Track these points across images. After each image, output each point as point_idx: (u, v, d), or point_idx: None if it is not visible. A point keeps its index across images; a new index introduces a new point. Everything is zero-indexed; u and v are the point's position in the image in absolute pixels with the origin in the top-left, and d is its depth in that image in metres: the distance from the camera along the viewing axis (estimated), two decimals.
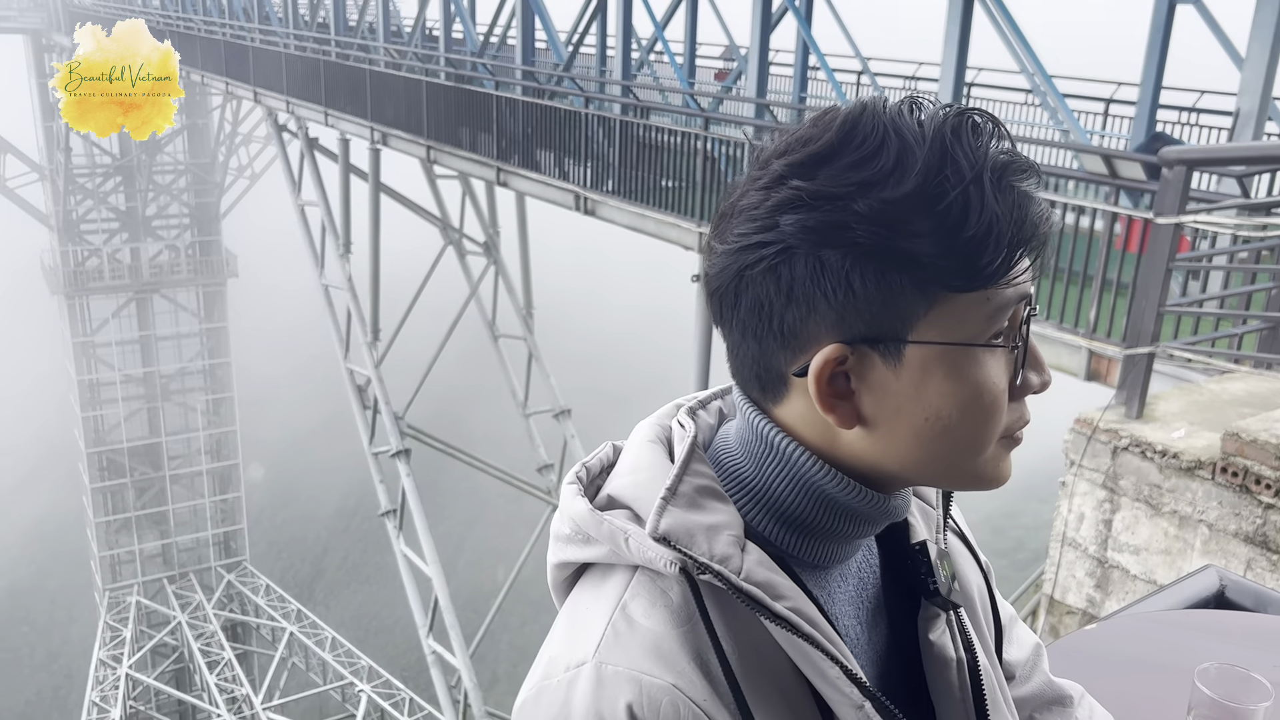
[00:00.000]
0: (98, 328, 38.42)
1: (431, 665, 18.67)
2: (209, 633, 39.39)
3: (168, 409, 40.76)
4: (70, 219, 36.70)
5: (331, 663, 37.93)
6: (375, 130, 16.98)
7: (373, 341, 20.09)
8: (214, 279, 39.14)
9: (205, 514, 41.98)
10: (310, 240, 21.46)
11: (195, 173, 38.00)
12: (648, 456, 0.99)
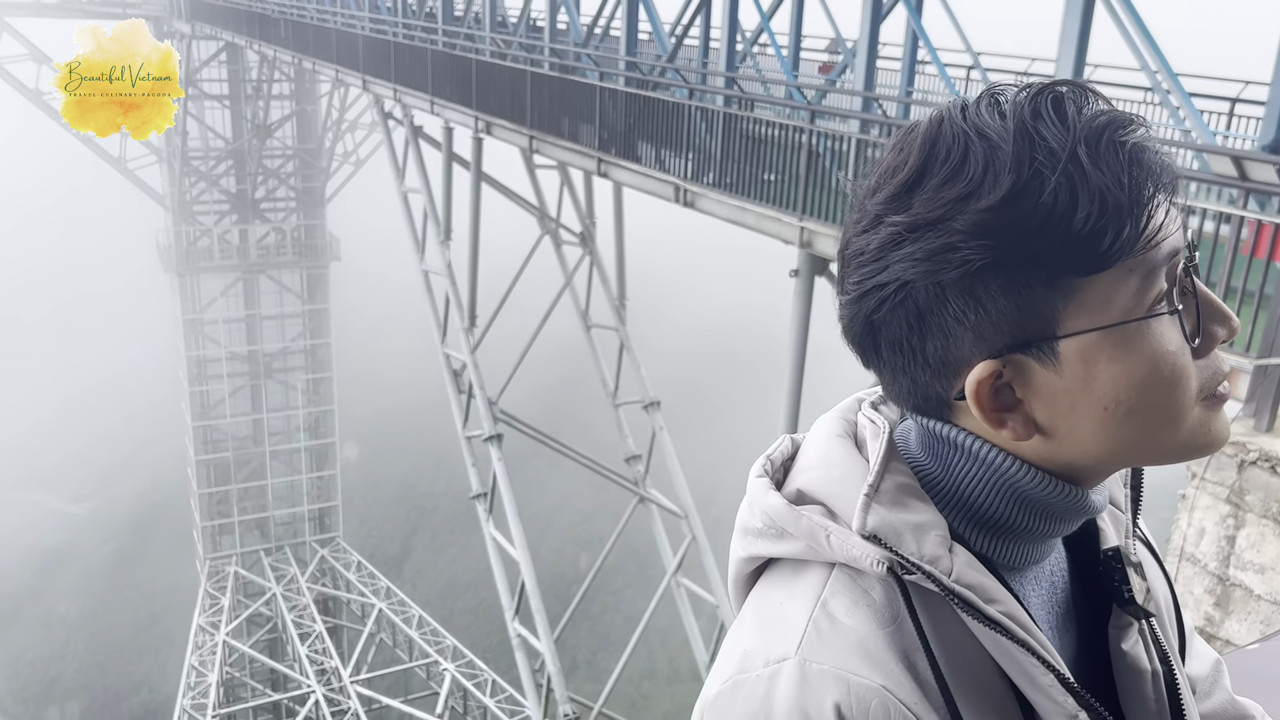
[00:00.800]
0: (206, 305, 39.92)
1: (516, 648, 18.92)
2: (302, 605, 40.65)
3: (269, 386, 42.17)
4: (184, 200, 38.18)
5: (418, 640, 38.79)
6: (479, 119, 17.22)
7: (469, 327, 20.41)
8: (317, 262, 40.28)
9: (302, 490, 43.33)
10: (412, 226, 21.88)
11: (303, 158, 39.13)
12: (839, 451, 0.97)
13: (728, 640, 0.97)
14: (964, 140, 0.85)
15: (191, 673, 38.03)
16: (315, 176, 39.49)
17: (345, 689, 36.43)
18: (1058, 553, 1.05)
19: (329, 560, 43.09)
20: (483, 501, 20.62)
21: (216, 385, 40.98)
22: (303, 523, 43.90)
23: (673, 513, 19.79)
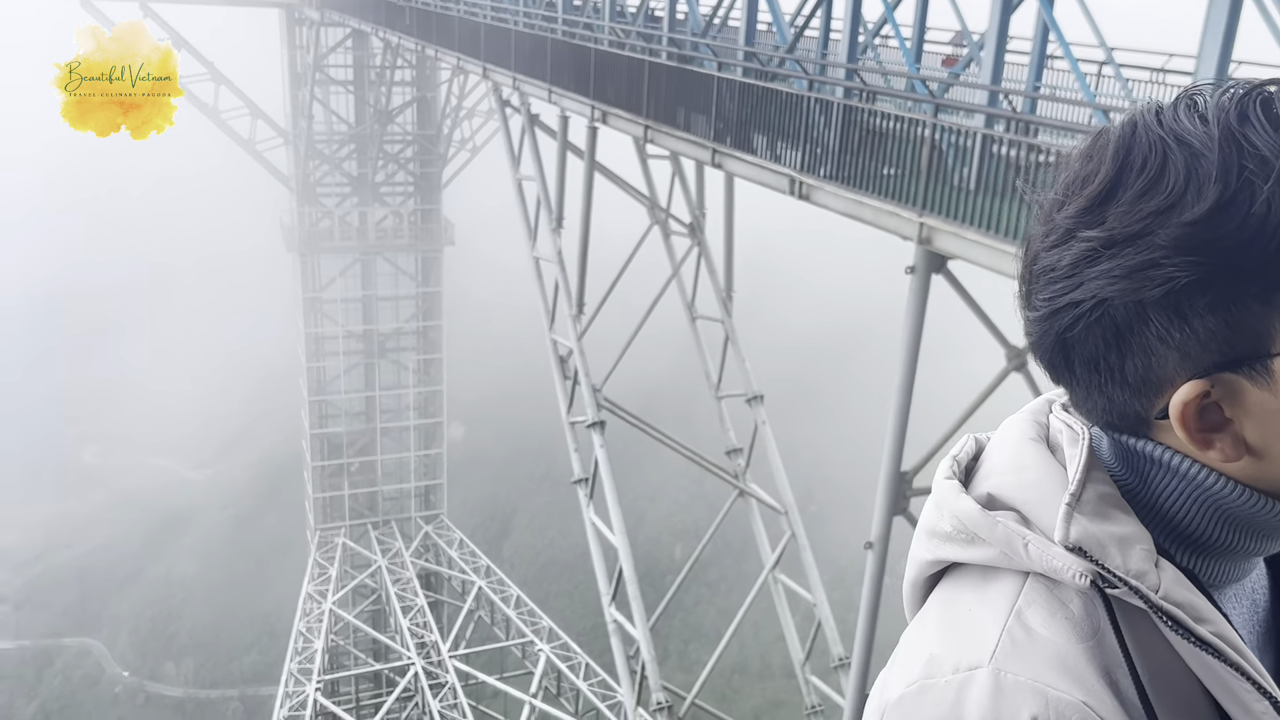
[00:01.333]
0: (326, 285, 41.33)
1: (612, 634, 19.08)
2: (405, 579, 41.82)
3: (382, 365, 43.46)
4: (308, 182, 39.54)
5: (515, 620, 39.49)
6: (595, 108, 17.35)
7: (577, 314, 20.62)
8: (432, 245, 41.28)
9: (409, 467, 44.55)
10: (525, 213, 22.21)
11: (421, 143, 40.11)
12: (1032, 455, 0.94)
13: (907, 642, 0.95)
14: (1161, 148, 0.80)
15: (299, 638, 39.54)
16: (433, 162, 40.42)
17: (444, 663, 37.37)
18: (1259, 569, 1.01)
19: (433, 536, 44.21)
20: (583, 487, 20.84)
21: (332, 362, 42.45)
22: (409, 499, 45.15)
23: (772, 508, 19.66)
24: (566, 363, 21.32)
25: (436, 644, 38.46)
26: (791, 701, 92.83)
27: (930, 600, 0.98)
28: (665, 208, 20.98)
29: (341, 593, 41.55)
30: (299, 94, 37.85)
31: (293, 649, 38.91)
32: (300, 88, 37.64)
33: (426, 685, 36.50)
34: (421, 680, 36.68)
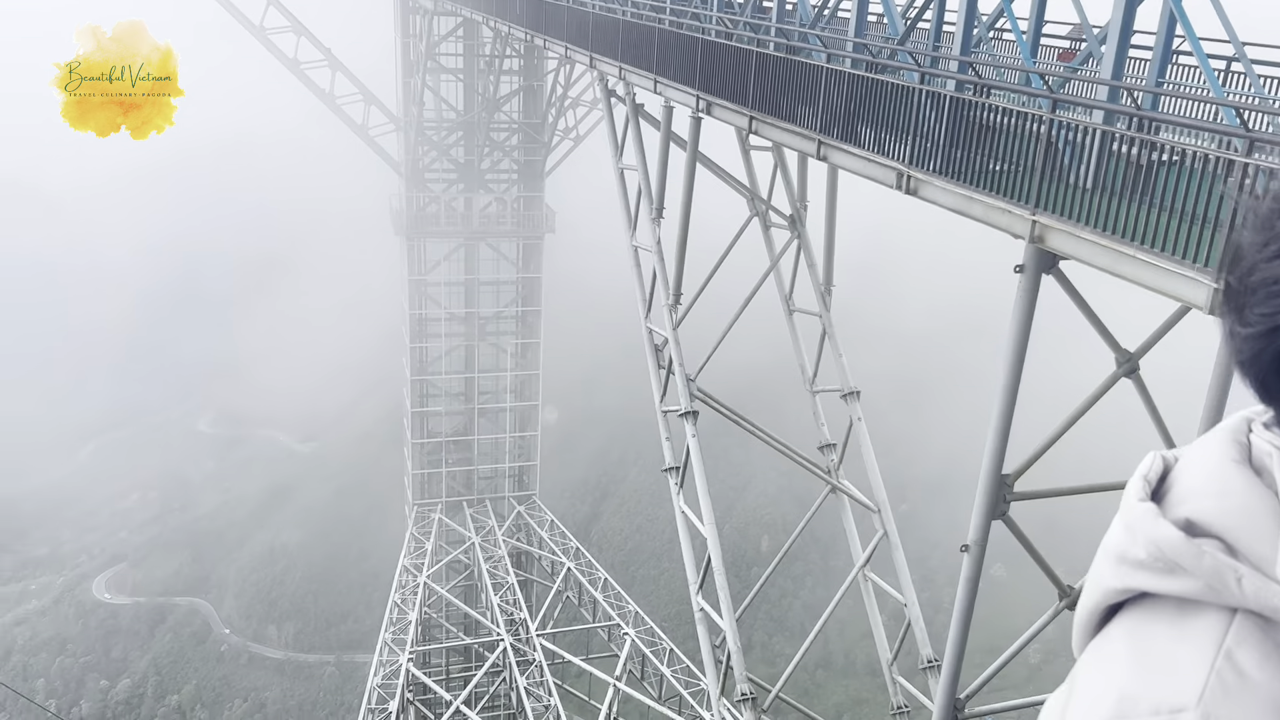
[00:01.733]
0: (430, 268, 42.37)
1: (699, 622, 19.18)
2: (497, 557, 42.67)
3: (482, 348, 44.40)
4: (417, 167, 40.55)
5: (602, 602, 39.92)
6: (700, 99, 17.37)
7: (674, 304, 20.69)
8: (534, 232, 41.91)
9: (504, 448, 45.44)
10: (626, 203, 22.35)
11: (526, 131, 40.70)
12: (1238, 479, 0.87)
13: (1089, 675, 0.88)
14: None
15: (394, 609, 40.74)
16: (537, 150, 40.99)
17: (531, 641, 38.05)
18: None
19: (525, 517, 45.00)
20: (674, 475, 20.94)
21: (435, 343, 43.57)
22: (503, 479, 46.05)
23: (865, 506, 19.46)
24: (661, 352, 21.42)
25: (525, 622, 39.18)
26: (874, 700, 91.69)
27: (1113, 631, 0.91)
28: (766, 199, 20.88)
29: (436, 567, 42.63)
30: (411, 81, 38.79)
31: (388, 619, 40.09)
32: (412, 75, 38.57)
33: (514, 662, 37.23)
34: (510, 656, 37.43)
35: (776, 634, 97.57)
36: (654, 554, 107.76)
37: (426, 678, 37.92)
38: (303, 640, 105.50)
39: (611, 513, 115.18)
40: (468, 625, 43.46)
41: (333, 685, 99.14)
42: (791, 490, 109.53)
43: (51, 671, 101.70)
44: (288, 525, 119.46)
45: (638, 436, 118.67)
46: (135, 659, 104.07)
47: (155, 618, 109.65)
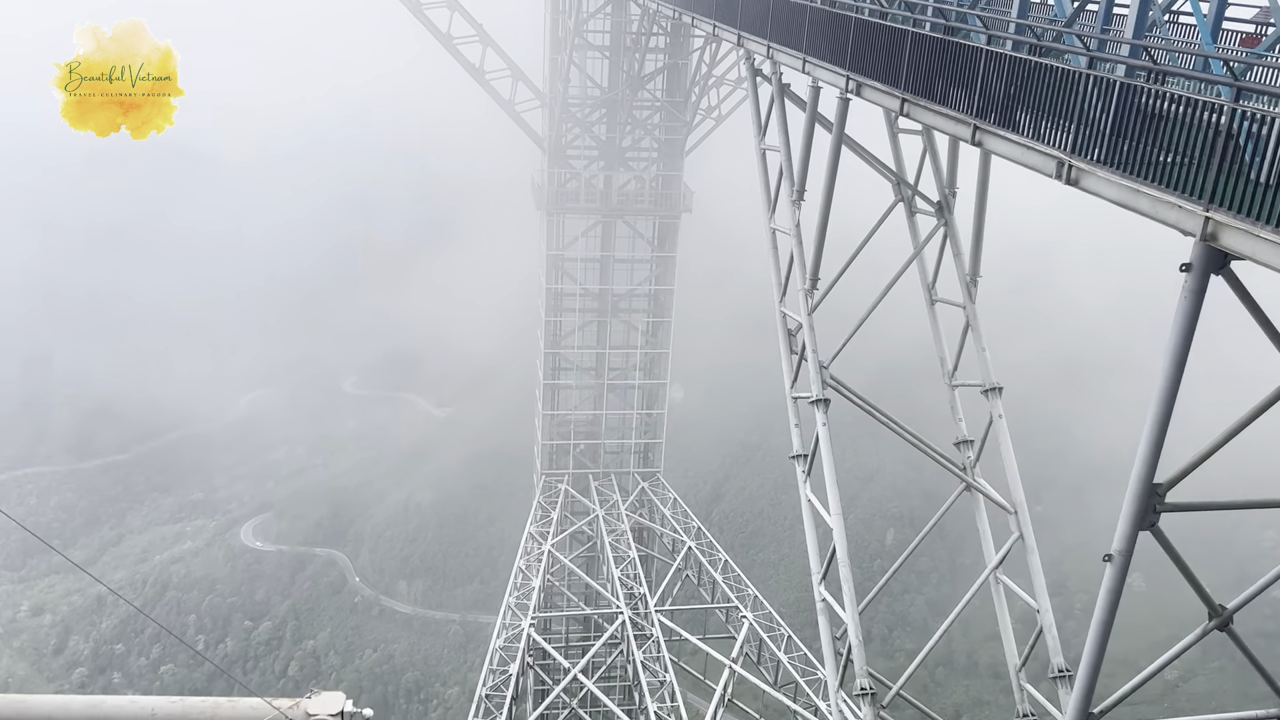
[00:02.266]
0: (568, 244, 43.00)
1: (820, 613, 18.97)
2: (620, 531, 43.21)
3: (614, 325, 44.85)
4: (560, 144, 41.09)
5: (721, 584, 39.97)
6: (850, 79, 16.98)
7: (810, 289, 20.38)
8: (671, 211, 41.97)
9: (631, 424, 45.90)
10: (766, 184, 22.09)
11: (669, 110, 40.68)
12: None
13: None
14: None
15: (519, 574, 41.80)
16: (678, 129, 40.94)
17: (650, 616, 38.44)
18: None
19: (649, 493, 45.41)
20: (801, 463, 20.69)
21: (569, 318, 44.28)
22: (629, 454, 46.56)
23: (1001, 506, 18.81)
24: (795, 337, 21.15)
25: (645, 597, 39.60)
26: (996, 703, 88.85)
27: None
28: (913, 185, 20.29)
29: (560, 536, 43.53)
30: (558, 58, 39.28)
31: (512, 584, 41.17)
32: (559, 52, 39.05)
33: (633, 635, 37.70)
34: (628, 630, 37.92)
35: (897, 628, 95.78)
36: (775, 539, 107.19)
37: (546, 644, 38.79)
38: (431, 597, 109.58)
39: (734, 495, 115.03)
40: (588, 595, 44.23)
41: (457, 643, 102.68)
42: (920, 484, 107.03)
43: (201, 609, 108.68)
44: (422, 486, 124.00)
45: (763, 420, 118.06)
46: (276, 603, 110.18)
47: (296, 566, 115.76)
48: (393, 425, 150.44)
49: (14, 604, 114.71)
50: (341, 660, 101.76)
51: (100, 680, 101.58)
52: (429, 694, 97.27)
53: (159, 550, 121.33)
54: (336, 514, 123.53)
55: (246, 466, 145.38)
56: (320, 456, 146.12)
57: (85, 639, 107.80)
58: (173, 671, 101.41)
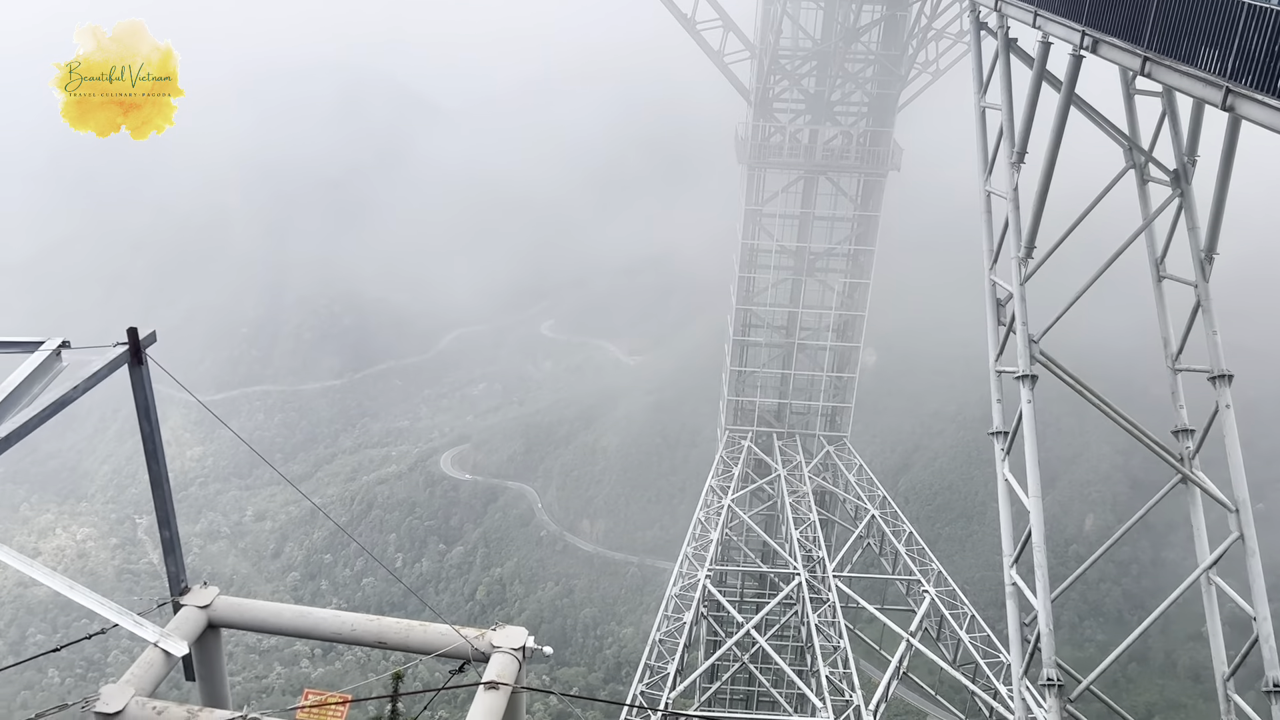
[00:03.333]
0: (768, 199, 42.47)
1: (1009, 596, 18.28)
2: (801, 492, 42.95)
3: (809, 284, 44.14)
4: (766, 96, 40.45)
5: (904, 555, 39.17)
6: (1086, 35, 15.84)
7: (1024, 257, 19.35)
8: (877, 169, 40.66)
9: (820, 385, 45.26)
10: (984, 144, 21.03)
11: (883, 63, 39.24)
12: None
13: None
14: None
15: (697, 525, 42.39)
16: (891, 84, 39.46)
17: (827, 580, 38.18)
18: None
19: (833, 457, 44.83)
20: (1000, 440, 19.88)
21: (763, 275, 43.89)
22: (815, 416, 46.00)
23: (1221, 503, 17.44)
24: (1004, 307, 20.21)
25: (823, 560, 39.33)
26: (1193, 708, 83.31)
27: None
28: (1147, 151, 18.81)
29: (741, 493, 43.73)
30: (771, 8, 38.53)
31: (690, 534, 41.81)
32: (773, 2, 38.30)
33: (808, 598, 37.58)
34: (804, 591, 37.82)
35: (1089, 618, 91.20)
36: (963, 514, 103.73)
37: (721, 596, 39.26)
38: (611, 538, 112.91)
39: (922, 466, 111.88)
40: (765, 554, 44.32)
41: (634, 584, 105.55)
42: (1127, 470, 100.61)
43: (401, 529, 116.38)
44: (609, 430, 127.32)
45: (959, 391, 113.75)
46: (469, 530, 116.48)
47: (488, 496, 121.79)
48: (585, 369, 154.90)
49: (240, 508, 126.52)
50: (525, 590, 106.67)
51: (310, 586, 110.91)
52: (604, 631, 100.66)
53: (366, 471, 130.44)
54: (528, 450, 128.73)
55: (448, 399, 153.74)
56: (517, 395, 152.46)
57: (299, 546, 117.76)
58: (373, 584, 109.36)
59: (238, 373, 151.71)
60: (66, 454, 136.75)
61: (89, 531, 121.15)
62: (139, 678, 6.18)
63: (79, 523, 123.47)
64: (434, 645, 6.60)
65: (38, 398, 7.83)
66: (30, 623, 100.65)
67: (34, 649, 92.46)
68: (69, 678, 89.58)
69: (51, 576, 6.25)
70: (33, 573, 6.18)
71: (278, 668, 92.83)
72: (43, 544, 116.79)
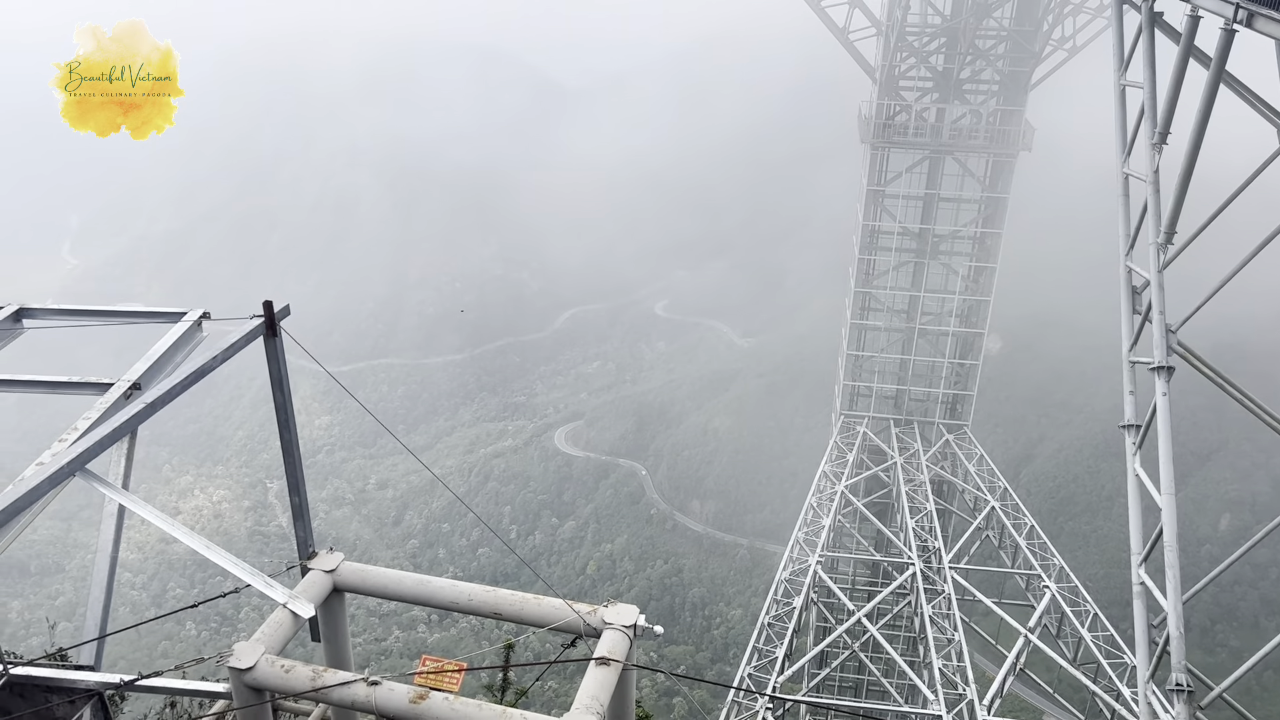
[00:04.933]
0: (891, 180, 41.45)
1: (1136, 596, 17.50)
2: (918, 481, 42.04)
3: (932, 267, 42.94)
4: (892, 74, 39.43)
5: (1025, 549, 37.99)
6: (1239, 7, 14.88)
7: (1164, 243, 18.37)
8: (1008, 149, 39.21)
9: (941, 372, 44.07)
10: (1123, 124, 20.01)
11: (1016, 40, 37.75)
12: None
13: None
14: None
15: (809, 510, 41.95)
16: (1024, 61, 37.93)
17: (943, 571, 37.32)
18: None
19: (953, 446, 43.69)
20: (1132, 433, 18.98)
21: (884, 257, 42.89)
22: (935, 404, 44.88)
23: None
24: (1140, 295, 19.25)
25: (939, 551, 38.45)
26: None
27: None
28: None
29: (855, 479, 43.06)
30: None
31: (802, 519, 41.41)
32: None
33: (923, 588, 36.82)
34: (918, 582, 37.06)
35: (1221, 621, 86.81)
36: (1088, 508, 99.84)
37: (833, 583, 38.81)
38: (721, 520, 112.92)
39: (1046, 457, 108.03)
40: (878, 542, 43.59)
41: (743, 567, 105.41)
42: (1269, 469, 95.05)
43: (516, 502, 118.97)
44: (720, 411, 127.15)
45: (1088, 381, 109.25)
46: (581, 505, 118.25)
47: (600, 473, 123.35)
48: (698, 350, 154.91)
49: (364, 476, 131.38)
50: (634, 567, 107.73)
51: (428, 554, 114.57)
52: (712, 611, 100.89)
53: (484, 445, 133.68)
54: (640, 429, 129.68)
55: (563, 376, 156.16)
56: (630, 373, 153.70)
57: (419, 515, 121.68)
58: (488, 555, 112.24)
59: (363, 346, 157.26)
60: (205, 419, 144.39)
61: (224, 494, 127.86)
62: (269, 636, 6.47)
63: (215, 485, 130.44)
64: (547, 619, 6.71)
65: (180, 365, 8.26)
66: (170, 577, 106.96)
67: (173, 603, 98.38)
68: (204, 631, 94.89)
69: (191, 536, 6.60)
70: (175, 532, 6.54)
71: (396, 631, 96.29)
72: (182, 504, 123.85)
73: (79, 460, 5.96)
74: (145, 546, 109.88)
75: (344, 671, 6.24)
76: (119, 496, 6.70)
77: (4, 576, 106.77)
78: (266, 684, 6.21)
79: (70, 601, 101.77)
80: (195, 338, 8.67)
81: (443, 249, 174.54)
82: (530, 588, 7.31)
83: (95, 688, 6.87)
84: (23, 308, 8.65)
